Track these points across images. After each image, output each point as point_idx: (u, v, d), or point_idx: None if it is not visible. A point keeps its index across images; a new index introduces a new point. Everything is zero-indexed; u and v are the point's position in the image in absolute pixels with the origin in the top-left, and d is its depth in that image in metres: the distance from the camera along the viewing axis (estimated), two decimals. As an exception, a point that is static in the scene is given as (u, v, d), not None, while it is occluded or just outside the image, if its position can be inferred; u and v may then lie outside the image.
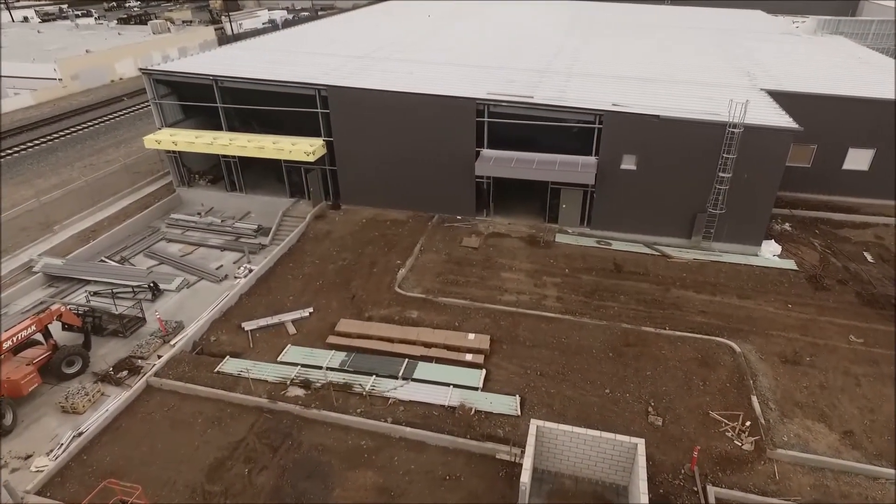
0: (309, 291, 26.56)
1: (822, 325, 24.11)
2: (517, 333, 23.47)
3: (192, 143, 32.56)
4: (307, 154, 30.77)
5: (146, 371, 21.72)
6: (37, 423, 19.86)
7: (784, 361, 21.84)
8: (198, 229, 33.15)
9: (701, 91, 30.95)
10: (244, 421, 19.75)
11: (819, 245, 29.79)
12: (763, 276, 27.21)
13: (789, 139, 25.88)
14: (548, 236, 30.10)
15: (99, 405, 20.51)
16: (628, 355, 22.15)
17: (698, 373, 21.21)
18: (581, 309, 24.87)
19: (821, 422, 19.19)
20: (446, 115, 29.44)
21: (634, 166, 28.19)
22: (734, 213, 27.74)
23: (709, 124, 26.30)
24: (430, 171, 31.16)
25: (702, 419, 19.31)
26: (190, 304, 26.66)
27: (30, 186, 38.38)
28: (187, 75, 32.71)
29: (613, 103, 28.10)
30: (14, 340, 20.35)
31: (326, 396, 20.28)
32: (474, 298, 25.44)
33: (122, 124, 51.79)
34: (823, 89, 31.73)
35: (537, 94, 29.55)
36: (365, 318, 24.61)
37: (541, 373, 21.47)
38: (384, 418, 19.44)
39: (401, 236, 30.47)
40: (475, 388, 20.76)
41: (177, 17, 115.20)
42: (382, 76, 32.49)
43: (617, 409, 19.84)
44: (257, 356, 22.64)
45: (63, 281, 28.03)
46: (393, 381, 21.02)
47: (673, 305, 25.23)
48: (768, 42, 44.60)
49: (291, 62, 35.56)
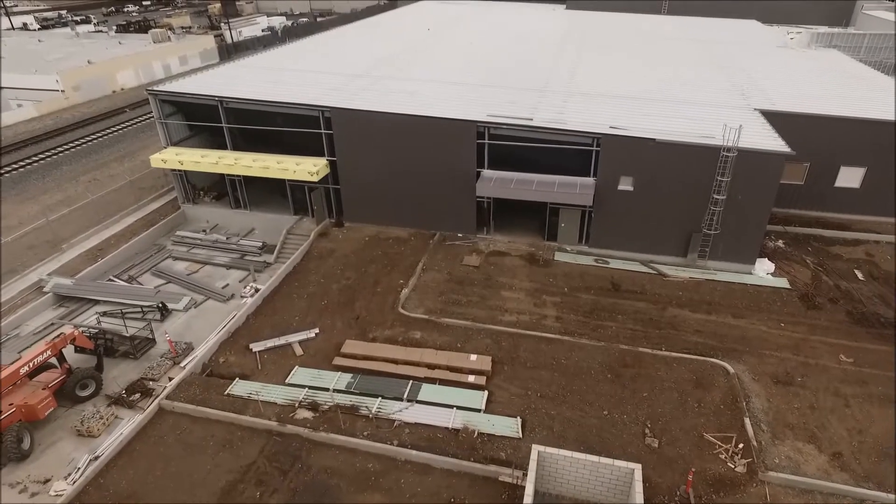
0: (314, 311, 27.21)
1: (814, 344, 24.85)
2: (518, 354, 24.16)
3: (198, 162, 33.17)
4: (311, 174, 31.41)
5: (158, 393, 22.36)
6: (53, 447, 20.48)
7: (776, 382, 22.57)
8: (203, 247, 33.76)
9: (696, 111, 31.69)
10: (254, 444, 20.40)
11: (811, 263, 30.53)
12: (756, 295, 27.94)
13: (782, 163, 26.62)
14: (547, 254, 30.81)
15: (113, 428, 21.14)
16: (626, 376, 22.86)
17: (693, 394, 21.93)
18: (580, 329, 25.56)
19: (811, 443, 19.92)
20: (448, 136, 30.12)
21: (631, 187, 28.91)
22: (728, 233, 28.48)
23: (703, 148, 27.02)
24: (431, 190, 31.84)
25: (696, 441, 20.02)
26: (197, 324, 27.29)
27: (36, 203, 38.99)
28: (193, 96, 33.28)
29: (611, 126, 28.81)
30: (30, 366, 20.99)
31: (334, 419, 20.94)
32: (476, 319, 26.12)
33: (125, 137, 52.36)
34: (816, 109, 32.45)
35: (537, 116, 30.25)
36: (369, 338, 25.27)
37: (541, 394, 22.16)
38: (390, 441, 20.11)
39: (403, 255, 31.14)
40: (478, 409, 21.44)
41: (175, 23, 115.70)
42: (384, 97, 33.13)
43: (615, 431, 20.54)
44: (266, 378, 23.28)
45: (73, 301, 28.63)
46: (398, 403, 21.68)
47: (669, 325, 25.95)
48: (763, 56, 45.36)
49: (293, 81, 36.19)
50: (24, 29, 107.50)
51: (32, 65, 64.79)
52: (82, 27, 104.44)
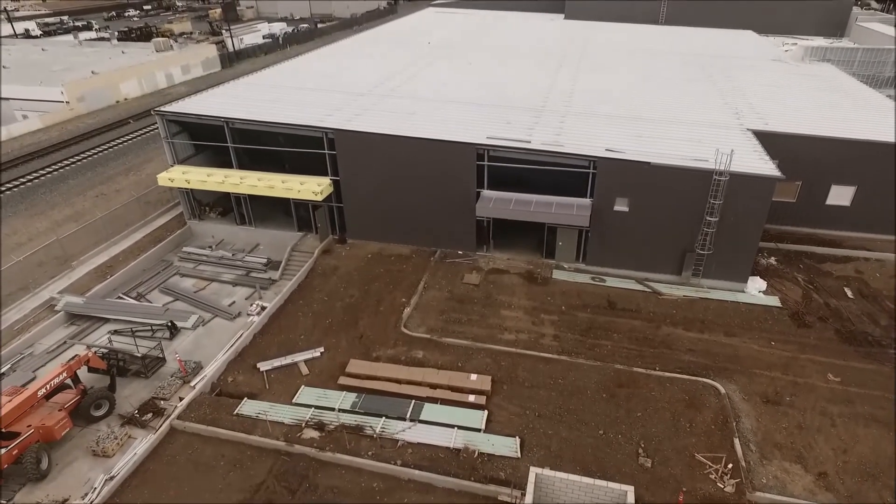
0: (319, 330, 28.02)
1: (803, 363, 25.69)
2: (517, 373, 24.99)
3: (205, 181, 33.97)
4: (315, 194, 32.23)
5: (169, 413, 23.17)
6: (69, 468, 21.27)
7: (765, 401, 23.42)
8: (209, 263, 34.57)
9: (690, 132, 32.54)
10: (263, 463, 21.22)
11: (802, 280, 31.39)
12: (748, 313, 28.79)
13: (772, 186, 27.46)
14: (545, 272, 31.64)
15: (127, 448, 21.93)
16: (620, 396, 23.70)
17: (685, 414, 22.76)
18: (577, 348, 26.40)
19: (797, 463, 20.77)
20: (448, 158, 30.95)
21: (627, 208, 29.74)
22: (721, 253, 29.33)
23: (696, 171, 27.85)
24: (432, 209, 32.67)
25: (688, 461, 20.86)
26: (205, 342, 28.08)
27: (44, 218, 39.79)
28: (200, 117, 34.08)
29: (607, 148, 29.64)
30: (47, 388, 21.80)
31: (340, 439, 21.76)
32: (476, 338, 26.95)
33: (131, 149, 53.13)
34: (808, 130, 33.27)
35: (534, 137, 31.09)
36: (373, 357, 26.10)
37: (539, 413, 23.00)
38: (394, 461, 20.94)
39: (405, 273, 31.96)
40: (478, 429, 22.27)
41: (176, 28, 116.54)
42: (386, 117, 33.97)
43: (610, 451, 21.37)
44: (273, 397, 24.10)
45: (84, 319, 29.42)
46: (401, 423, 22.51)
47: (663, 343, 26.79)
48: (758, 71, 46.24)
49: (296, 100, 37.03)
50: (26, 35, 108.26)
51: (37, 76, 65.57)
52: (84, 34, 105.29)
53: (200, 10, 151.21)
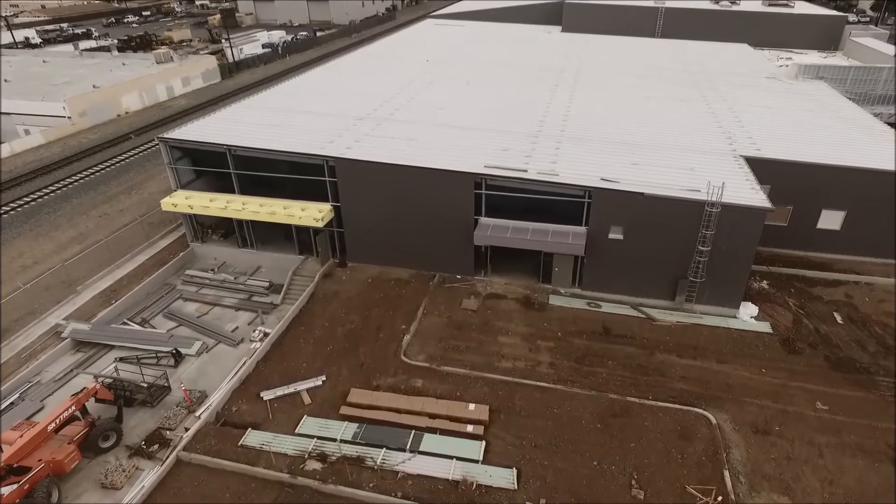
0: (320, 357, 28.65)
1: (792, 391, 26.38)
2: (514, 403, 25.65)
3: (207, 206, 34.59)
4: (316, 220, 32.87)
5: (175, 444, 23.78)
6: (79, 501, 21.87)
7: (755, 431, 24.10)
8: (212, 286, 35.17)
9: (684, 158, 33.20)
10: (268, 495, 21.85)
11: (793, 304, 32.08)
12: (740, 340, 29.48)
13: (763, 217, 28.13)
14: (542, 297, 32.30)
15: (134, 480, 22.54)
16: (615, 426, 24.36)
17: (677, 445, 23.43)
18: (572, 376, 27.05)
19: (785, 495, 21.45)
20: (446, 186, 31.60)
21: (621, 236, 30.41)
22: (713, 280, 30.01)
23: (689, 202, 28.52)
24: (431, 235, 33.32)
25: (679, 493, 21.53)
26: (209, 369, 28.67)
27: (49, 240, 40.37)
28: (202, 144, 34.67)
29: (602, 178, 30.30)
30: (57, 422, 22.41)
31: (341, 470, 22.40)
32: (474, 366, 27.59)
33: (132, 166, 53.67)
34: (799, 156, 33.93)
35: (531, 166, 31.74)
36: (373, 386, 26.73)
37: (535, 444, 23.66)
38: (394, 493, 21.57)
39: (404, 298, 32.59)
40: (476, 460, 22.92)
41: (176, 35, 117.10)
42: (386, 142, 34.61)
43: (604, 482, 22.04)
44: (276, 427, 24.72)
45: (90, 346, 30.00)
46: (401, 454, 23.16)
47: (656, 371, 27.46)
48: (752, 90, 46.93)
49: (297, 124, 37.67)
50: (26, 43, 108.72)
51: (39, 90, 66.08)
52: (84, 42, 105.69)
53: (199, 17, 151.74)
